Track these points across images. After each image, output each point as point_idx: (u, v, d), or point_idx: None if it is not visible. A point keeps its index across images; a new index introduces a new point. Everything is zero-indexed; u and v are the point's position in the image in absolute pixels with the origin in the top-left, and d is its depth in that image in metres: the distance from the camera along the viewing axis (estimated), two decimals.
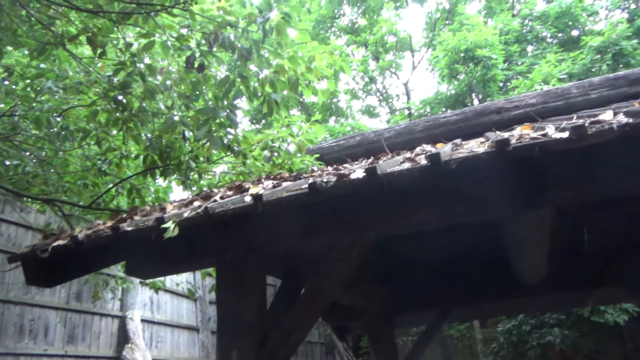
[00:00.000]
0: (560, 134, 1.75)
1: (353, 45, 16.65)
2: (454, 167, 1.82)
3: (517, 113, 4.27)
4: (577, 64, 10.57)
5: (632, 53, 10.62)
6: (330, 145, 4.76)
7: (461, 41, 10.59)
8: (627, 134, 1.68)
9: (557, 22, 13.08)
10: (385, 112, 17.61)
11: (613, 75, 4.26)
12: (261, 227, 2.37)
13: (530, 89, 9.64)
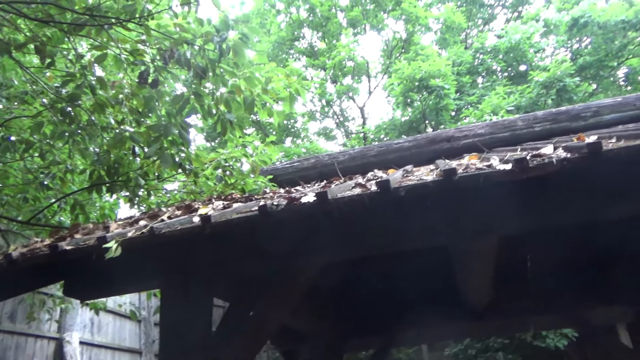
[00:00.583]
0: (504, 165, 1.81)
1: (311, 68, 16.87)
2: (403, 195, 1.85)
3: (467, 142, 4.42)
4: (524, 97, 11.10)
5: (575, 90, 11.27)
6: (284, 167, 4.76)
7: (416, 70, 10.93)
8: (565, 169, 1.76)
9: (506, 57, 13.74)
10: (341, 135, 17.84)
11: (556, 110, 4.49)
12: (209, 249, 2.32)
13: (480, 119, 10.03)
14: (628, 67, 14.25)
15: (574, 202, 2.12)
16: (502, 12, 19.87)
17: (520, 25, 13.91)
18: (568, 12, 13.68)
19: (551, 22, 14.63)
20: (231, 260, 2.37)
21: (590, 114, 4.29)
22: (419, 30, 15.88)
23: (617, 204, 2.14)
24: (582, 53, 14.06)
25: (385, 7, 15.88)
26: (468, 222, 2.20)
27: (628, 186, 2.02)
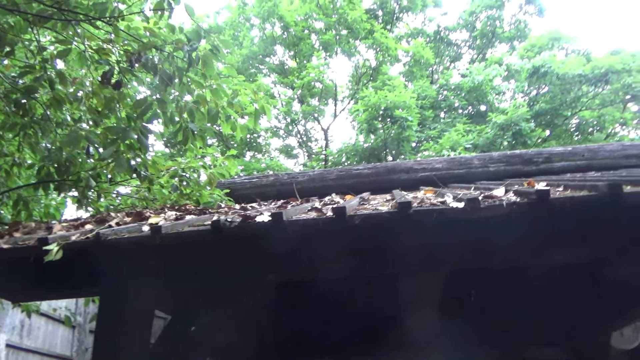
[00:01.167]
0: (457, 203, 1.86)
1: (280, 85, 16.94)
2: (357, 223, 1.87)
3: (424, 175, 4.52)
4: (482, 137, 11.50)
5: (529, 134, 11.78)
6: (242, 182, 4.72)
7: (382, 99, 11.17)
8: (514, 212, 1.82)
9: (468, 96, 14.25)
10: (303, 155, 17.90)
11: (510, 153, 4.67)
12: (156, 260, 2.25)
13: (439, 153, 10.31)
14: (580, 118, 15.03)
15: (519, 244, 2.20)
16: (468, 52, 20.65)
17: (484, 68, 14.48)
18: (530, 60, 14.36)
19: (513, 68, 15.30)
20: (178, 273, 2.31)
21: (542, 159, 4.48)
22: (388, 61, 16.26)
23: (559, 250, 2.23)
24: (539, 100, 14.75)
25: (358, 34, 16.20)
26: (419, 254, 2.24)
27: (570, 233, 2.11)
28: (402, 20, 19.22)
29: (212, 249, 2.13)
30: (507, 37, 19.56)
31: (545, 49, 15.95)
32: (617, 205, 1.79)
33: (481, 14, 19.41)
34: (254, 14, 16.66)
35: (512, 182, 3.30)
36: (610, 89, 13.83)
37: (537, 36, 17.84)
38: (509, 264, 2.74)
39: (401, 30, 18.88)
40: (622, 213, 1.91)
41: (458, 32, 20.17)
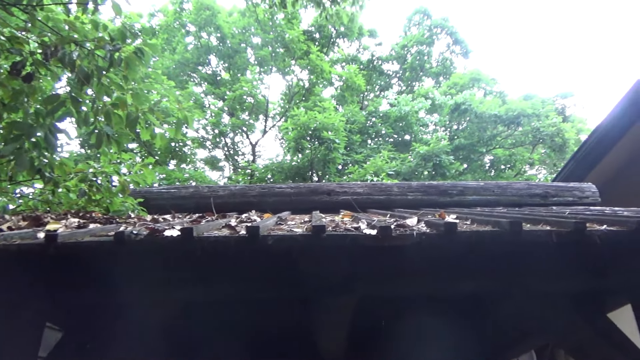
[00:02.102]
0: (370, 230, 1.88)
1: (211, 96, 16.65)
2: (270, 243, 1.84)
3: (345, 198, 4.58)
4: (405, 165, 11.93)
5: (448, 166, 12.37)
6: (159, 192, 4.53)
7: (311, 120, 11.30)
8: (423, 242, 1.87)
9: (395, 125, 14.78)
10: (229, 168, 17.62)
11: (428, 184, 4.85)
12: (51, 269, 2.07)
13: (363, 177, 10.55)
14: (494, 155, 16.06)
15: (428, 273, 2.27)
16: (397, 83, 21.53)
17: (411, 99, 15.12)
18: (452, 97, 15.20)
19: (437, 102, 16.12)
20: (75, 286, 2.14)
21: (456, 192, 4.70)
22: (322, 83, 16.56)
23: (465, 280, 2.32)
24: (459, 135, 15.59)
25: (294, 54, 16.38)
26: (332, 279, 2.23)
27: (475, 265, 2.20)
28: (337, 46, 19.72)
29: (115, 261, 1.99)
30: (434, 73, 20.63)
31: (467, 88, 16.99)
32: (517, 241, 1.89)
33: (412, 49, 20.37)
34: (190, 20, 16.35)
35: (426, 212, 3.42)
36: (521, 130, 14.92)
37: (460, 75, 18.97)
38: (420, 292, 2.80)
39: (336, 55, 19.34)
40: (521, 249, 2.02)
41: (390, 63, 21.01)
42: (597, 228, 1.88)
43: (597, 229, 1.86)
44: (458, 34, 21.30)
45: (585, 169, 7.07)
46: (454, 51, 21.77)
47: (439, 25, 21.09)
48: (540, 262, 2.21)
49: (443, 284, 2.36)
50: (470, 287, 2.46)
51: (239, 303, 3.51)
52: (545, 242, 1.87)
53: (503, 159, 15.77)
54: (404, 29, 21.77)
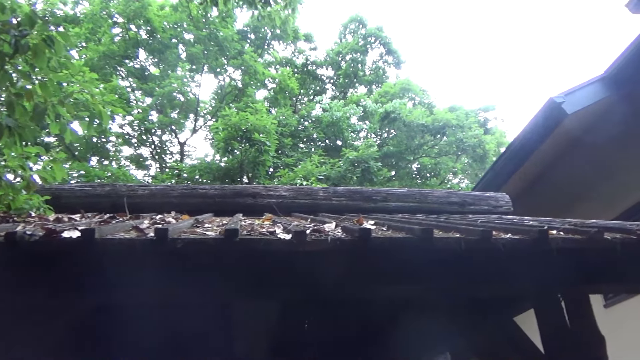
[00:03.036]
0: (285, 235, 1.85)
1: (138, 91, 16.00)
2: (179, 247, 1.76)
3: (271, 201, 4.52)
4: (335, 170, 12.06)
5: (376, 172, 12.66)
6: (72, 189, 4.25)
7: (243, 121, 11.15)
8: (337, 247, 1.87)
9: (327, 129, 14.92)
10: (155, 167, 17.00)
11: (353, 189, 4.91)
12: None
13: (293, 181, 10.54)
14: (420, 163, 16.64)
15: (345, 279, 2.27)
16: (331, 89, 21.79)
17: (343, 105, 15.34)
18: (383, 105, 15.58)
19: (369, 110, 16.47)
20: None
21: (380, 198, 4.79)
22: (255, 84, 16.40)
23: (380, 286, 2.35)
24: (388, 142, 16.01)
25: (227, 53, 16.10)
26: (245, 283, 2.18)
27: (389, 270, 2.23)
28: (272, 48, 19.65)
29: (6, 264, 1.83)
30: (367, 81, 21.08)
31: (398, 97, 17.49)
32: (428, 247, 1.93)
33: (347, 56, 20.69)
34: (118, 11, 15.63)
35: (348, 217, 3.45)
36: (446, 140, 15.57)
37: (391, 84, 19.51)
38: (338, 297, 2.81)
39: (271, 57, 19.25)
40: (433, 255, 2.07)
41: (324, 68, 21.22)
42: (502, 236, 1.96)
43: (502, 238, 1.94)
44: (391, 44, 21.91)
45: (502, 180, 7.47)
46: (386, 61, 22.36)
47: (373, 34, 21.59)
48: (451, 268, 2.28)
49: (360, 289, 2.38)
50: (386, 293, 2.49)
51: (156, 308, 3.37)
52: (455, 249, 1.93)
53: (429, 167, 16.39)
54: (340, 35, 22.10)
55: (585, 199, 6.84)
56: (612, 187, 6.41)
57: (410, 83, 19.37)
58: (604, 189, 6.54)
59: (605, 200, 6.47)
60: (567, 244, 1.96)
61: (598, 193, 6.63)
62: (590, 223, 2.60)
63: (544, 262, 2.26)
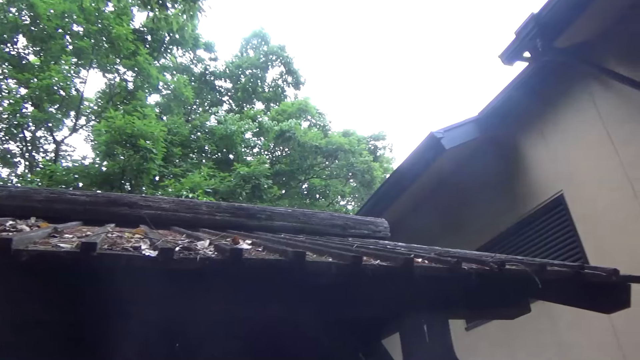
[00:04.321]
0: (151, 252, 1.74)
1: (12, 80, 14.48)
2: (24, 260, 1.57)
3: (149, 212, 4.28)
4: (224, 184, 11.82)
5: (267, 190, 12.63)
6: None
7: (129, 125, 10.53)
8: (206, 267, 1.79)
9: (219, 142, 14.64)
10: (24, 166, 15.39)
11: (238, 205, 4.82)
12: None
13: (179, 192, 10.14)
14: (311, 184, 16.95)
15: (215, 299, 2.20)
16: (228, 102, 21.51)
17: (239, 119, 15.19)
18: (279, 123, 15.70)
19: (264, 127, 16.49)
20: None
21: (265, 216, 4.76)
22: (147, 88, 15.65)
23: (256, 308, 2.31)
24: (281, 161, 16.11)
25: (120, 52, 15.21)
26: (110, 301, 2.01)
27: (263, 292, 2.19)
28: (170, 52, 18.96)
29: None
30: (265, 98, 21.15)
31: (294, 117, 17.75)
32: (301, 270, 1.93)
33: (247, 70, 20.62)
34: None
35: (228, 234, 3.37)
36: (338, 164, 16.06)
37: (289, 103, 19.78)
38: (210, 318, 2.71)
39: (167, 62, 18.56)
40: (305, 278, 2.07)
41: (223, 80, 20.93)
42: (372, 262, 2.03)
43: (372, 264, 2.00)
44: (292, 64, 22.27)
45: (384, 206, 7.84)
46: (286, 80, 22.66)
47: (275, 52, 21.80)
48: (323, 291, 2.30)
49: (234, 311, 2.31)
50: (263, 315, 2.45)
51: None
52: (326, 273, 1.94)
53: (319, 188, 16.73)
54: (241, 49, 22.00)
55: (456, 229, 7.40)
56: (478, 220, 7.02)
57: (308, 104, 19.78)
58: (471, 221, 7.14)
59: (472, 231, 7.06)
60: (429, 272, 2.07)
61: (467, 224, 7.22)
62: (454, 253, 2.79)
63: (410, 287, 2.37)
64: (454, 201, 7.44)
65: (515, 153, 6.59)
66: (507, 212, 6.51)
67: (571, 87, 5.80)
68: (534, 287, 2.23)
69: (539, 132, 6.27)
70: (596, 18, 5.14)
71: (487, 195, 6.92)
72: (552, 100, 6.10)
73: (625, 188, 5.01)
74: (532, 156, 6.35)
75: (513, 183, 6.52)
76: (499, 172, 6.81)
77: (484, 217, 6.91)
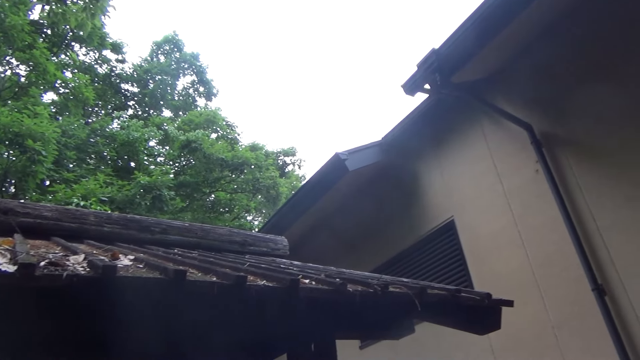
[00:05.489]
0: (9, 267, 1.57)
1: None
2: None
3: (27, 221, 3.90)
4: (122, 193, 11.18)
5: (168, 201, 12.13)
6: None
7: (16, 123, 9.61)
8: (74, 284, 1.65)
9: (120, 148, 13.87)
10: None
11: (130, 217, 4.55)
12: None
13: (69, 199, 9.42)
14: (216, 197, 16.57)
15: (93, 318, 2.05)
16: (134, 107, 20.54)
17: (143, 126, 14.53)
18: (185, 133, 15.22)
19: (170, 135, 15.91)
20: None
21: (159, 230, 4.54)
22: (43, 85, 14.47)
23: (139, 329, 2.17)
24: (185, 172, 15.60)
25: (14, 43, 13.95)
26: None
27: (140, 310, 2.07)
28: (72, 49, 17.76)
29: None
30: (174, 105, 20.48)
31: (202, 128, 17.33)
32: (180, 289, 1.84)
33: (157, 76, 19.87)
34: None
35: (112, 247, 3.16)
36: (244, 178, 15.87)
37: (198, 113, 19.30)
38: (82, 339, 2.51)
39: (68, 59, 17.34)
40: (186, 298, 1.98)
41: (130, 84, 19.98)
42: (257, 283, 1.98)
43: (257, 284, 1.96)
44: (205, 74, 21.82)
45: (287, 223, 7.85)
46: (198, 89, 22.14)
47: (187, 60, 21.24)
48: (208, 311, 2.22)
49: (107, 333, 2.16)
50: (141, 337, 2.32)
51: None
52: (208, 293, 1.87)
53: (224, 202, 16.39)
54: (151, 53, 21.18)
55: (355, 250, 7.59)
56: (377, 241, 7.25)
57: (217, 116, 19.42)
58: (370, 242, 7.36)
59: (371, 252, 7.28)
60: (315, 293, 2.07)
61: (366, 245, 7.43)
62: (345, 274, 2.83)
63: (298, 308, 2.36)
64: (355, 222, 7.64)
65: (413, 178, 6.93)
66: (404, 235, 6.80)
67: (465, 120, 6.24)
68: (416, 309, 2.31)
69: (436, 160, 6.65)
70: (489, 60, 5.60)
71: (386, 217, 7.18)
72: (449, 131, 6.51)
73: (507, 216, 5.44)
74: (428, 182, 6.70)
75: (410, 206, 6.83)
76: (397, 196, 7.10)
77: (383, 238, 7.15)
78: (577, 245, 4.62)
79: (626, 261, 4.30)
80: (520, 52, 5.51)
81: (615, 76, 4.67)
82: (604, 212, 4.55)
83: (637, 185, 4.37)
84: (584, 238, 4.64)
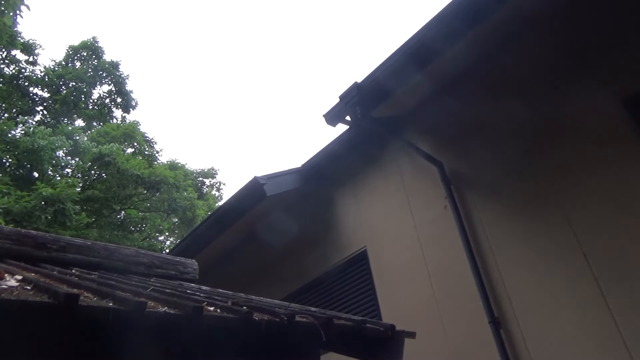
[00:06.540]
0: None
1: None
2: None
3: None
4: (20, 204, 10.34)
5: (72, 216, 11.36)
6: None
7: None
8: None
9: (23, 156, 12.86)
10: None
11: (24, 232, 4.18)
12: None
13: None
14: (127, 214, 15.77)
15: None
16: (42, 113, 19.22)
17: (50, 134, 13.61)
18: (99, 146, 14.44)
19: (82, 147, 15.02)
20: None
21: (57, 247, 4.22)
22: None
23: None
24: (95, 186, 14.73)
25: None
26: None
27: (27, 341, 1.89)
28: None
29: None
30: (88, 115, 19.43)
31: (118, 141, 16.54)
32: (71, 316, 1.71)
33: (70, 82, 18.79)
34: None
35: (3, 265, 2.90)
36: (159, 197, 15.27)
37: (115, 125, 18.43)
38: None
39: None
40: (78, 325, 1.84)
41: (39, 87, 18.72)
42: (159, 309, 1.89)
43: (157, 311, 1.87)
44: (125, 84, 20.92)
45: (200, 246, 7.61)
46: (115, 100, 21.16)
47: (106, 69, 20.29)
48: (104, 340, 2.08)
49: None
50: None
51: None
52: (103, 320, 1.75)
53: (135, 220, 15.63)
54: (66, 58, 20.02)
55: (269, 275, 7.51)
56: (291, 267, 7.23)
57: (136, 130, 18.65)
58: (285, 268, 7.32)
59: (285, 278, 7.23)
60: (219, 322, 2.01)
61: (280, 271, 7.38)
62: (254, 301, 2.78)
63: (203, 336, 2.27)
64: (271, 247, 7.57)
65: (330, 207, 7.03)
66: (318, 263, 6.83)
67: (383, 153, 6.47)
68: (321, 339, 2.31)
69: (352, 190, 6.81)
70: (406, 98, 5.88)
71: (301, 245, 7.19)
72: (366, 163, 6.71)
73: (416, 249, 5.66)
74: (344, 211, 6.83)
75: (325, 235, 6.90)
76: (314, 223, 7.16)
77: (297, 265, 7.14)
78: (477, 279, 4.89)
79: (520, 295, 4.61)
80: (435, 93, 5.86)
81: (511, 124, 5.08)
82: (502, 249, 4.88)
83: (527, 226, 4.74)
84: (484, 272, 4.93)
